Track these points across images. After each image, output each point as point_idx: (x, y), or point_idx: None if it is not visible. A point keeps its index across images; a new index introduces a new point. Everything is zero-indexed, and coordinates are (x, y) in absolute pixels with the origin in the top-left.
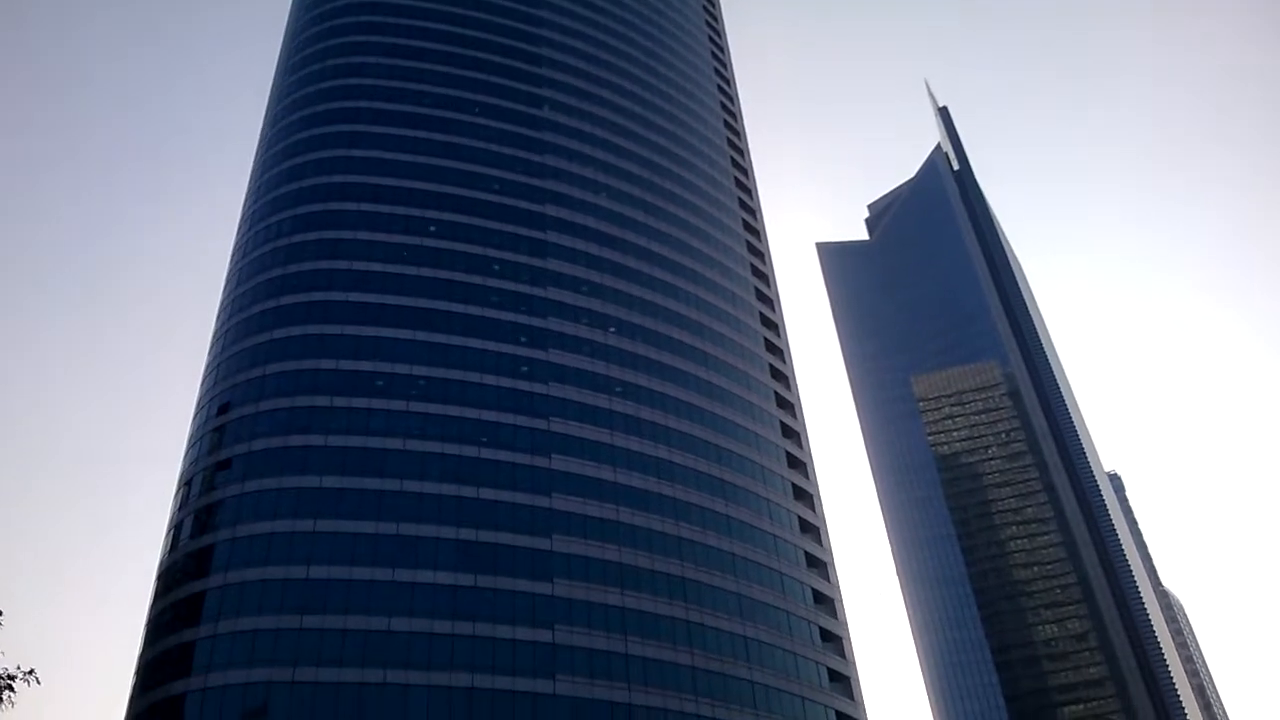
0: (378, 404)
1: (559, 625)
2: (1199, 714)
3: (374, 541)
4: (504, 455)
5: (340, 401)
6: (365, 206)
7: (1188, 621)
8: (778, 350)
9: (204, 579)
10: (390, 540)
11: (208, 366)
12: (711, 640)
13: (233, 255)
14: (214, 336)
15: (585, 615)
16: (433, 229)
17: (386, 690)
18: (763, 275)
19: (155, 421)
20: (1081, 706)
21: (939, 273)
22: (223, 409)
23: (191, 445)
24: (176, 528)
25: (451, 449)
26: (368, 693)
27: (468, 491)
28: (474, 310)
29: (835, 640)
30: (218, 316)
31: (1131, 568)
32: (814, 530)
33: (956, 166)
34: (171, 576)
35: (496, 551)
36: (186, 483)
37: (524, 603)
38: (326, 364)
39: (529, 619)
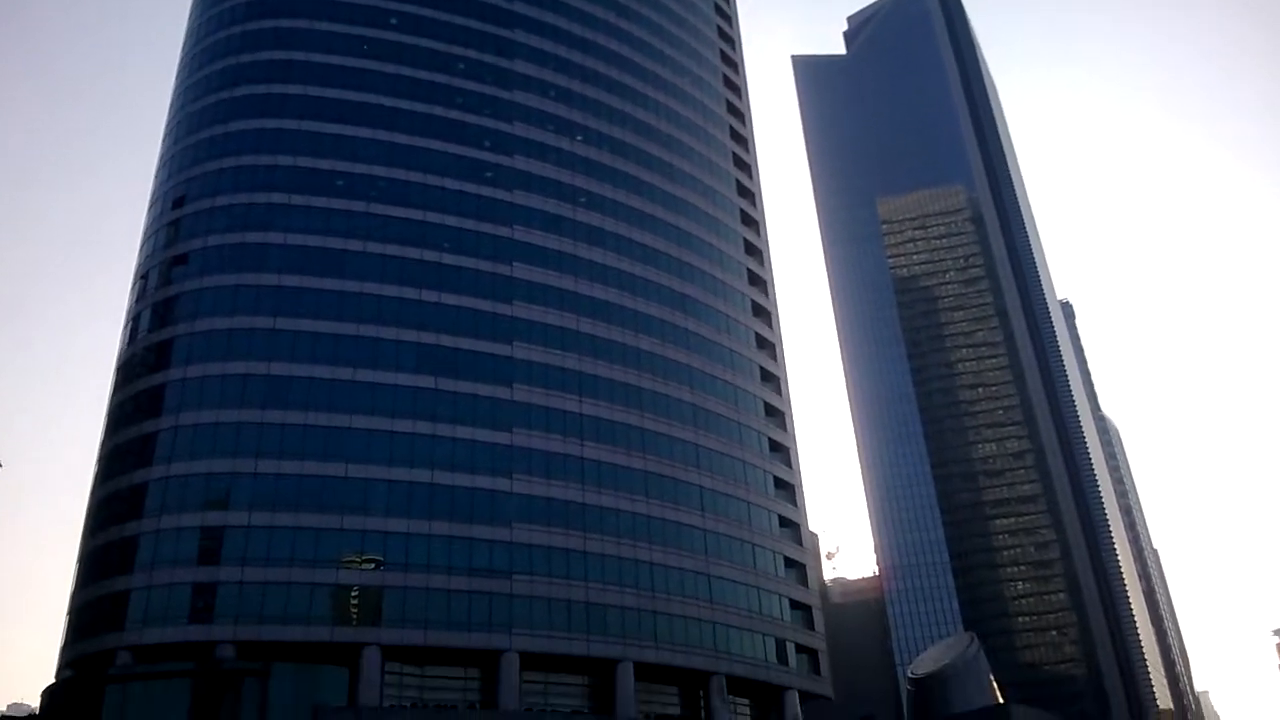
0: (337, 204)
1: (517, 428)
2: (1124, 533)
3: (334, 341)
4: (466, 261)
5: (299, 199)
6: None
7: (1122, 448)
8: (745, 165)
9: (164, 371)
10: (350, 341)
11: (161, 157)
12: (665, 447)
13: (185, 41)
14: (167, 126)
15: (543, 420)
16: (394, 22)
17: (348, 484)
18: (735, 88)
19: (111, 210)
20: (1013, 520)
21: (914, 92)
22: (177, 202)
23: (147, 238)
24: (134, 320)
25: (412, 253)
26: (329, 485)
27: (429, 296)
28: (437, 110)
29: (783, 450)
30: (170, 105)
31: (1073, 393)
32: (770, 346)
33: None
34: (131, 369)
35: (457, 356)
36: (143, 276)
37: (484, 406)
38: (284, 160)
39: (489, 421)
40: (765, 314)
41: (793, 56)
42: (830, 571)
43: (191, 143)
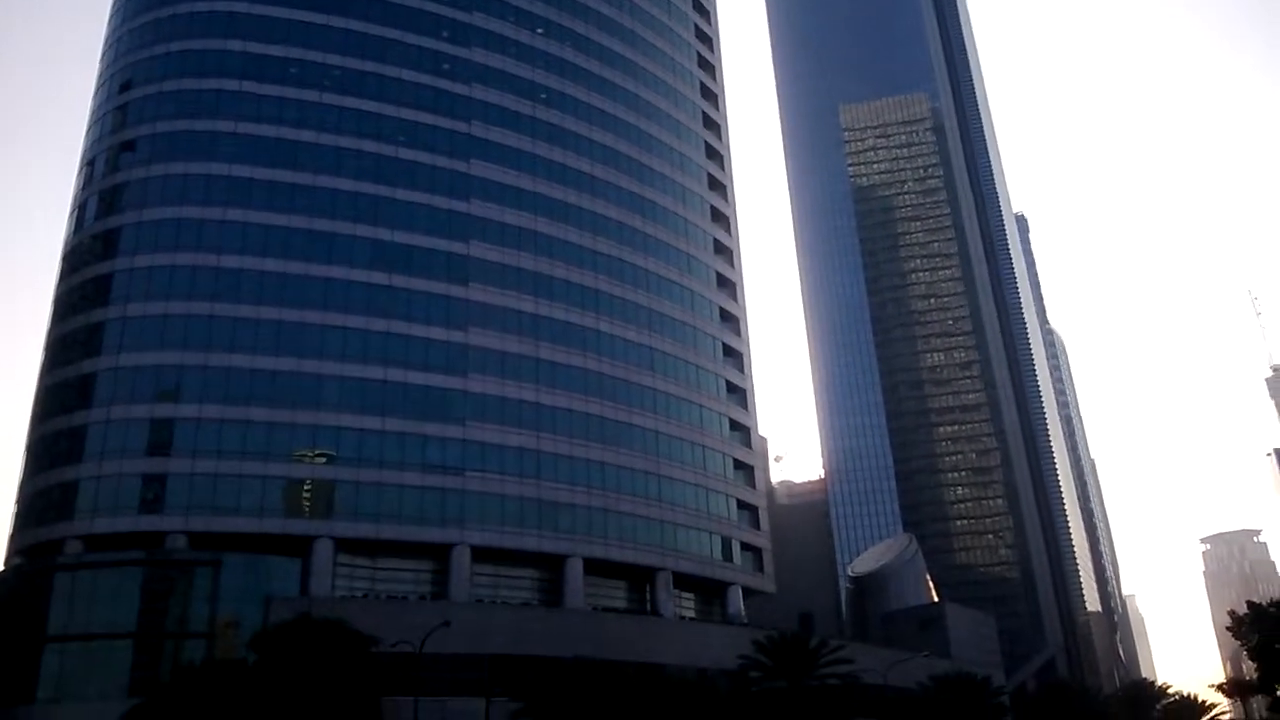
0: (290, 92)
1: (473, 327)
2: (1063, 443)
3: (286, 234)
4: (422, 156)
5: (249, 86)
6: None
7: (1066, 360)
8: (710, 67)
9: (111, 261)
10: (303, 234)
11: (107, 39)
12: (619, 349)
13: None
14: (114, 6)
15: (499, 319)
16: None
17: (300, 378)
18: None
19: (55, 93)
20: (956, 428)
21: None
22: (124, 86)
23: (93, 123)
24: (81, 208)
25: (368, 145)
26: (281, 380)
27: (384, 190)
28: None
29: (736, 355)
30: None
31: (1022, 306)
32: (727, 252)
33: None
34: (78, 257)
35: (412, 253)
36: (89, 162)
37: (438, 304)
38: (234, 45)
39: (443, 320)
40: (724, 220)
41: None
42: (778, 474)
43: (139, 24)
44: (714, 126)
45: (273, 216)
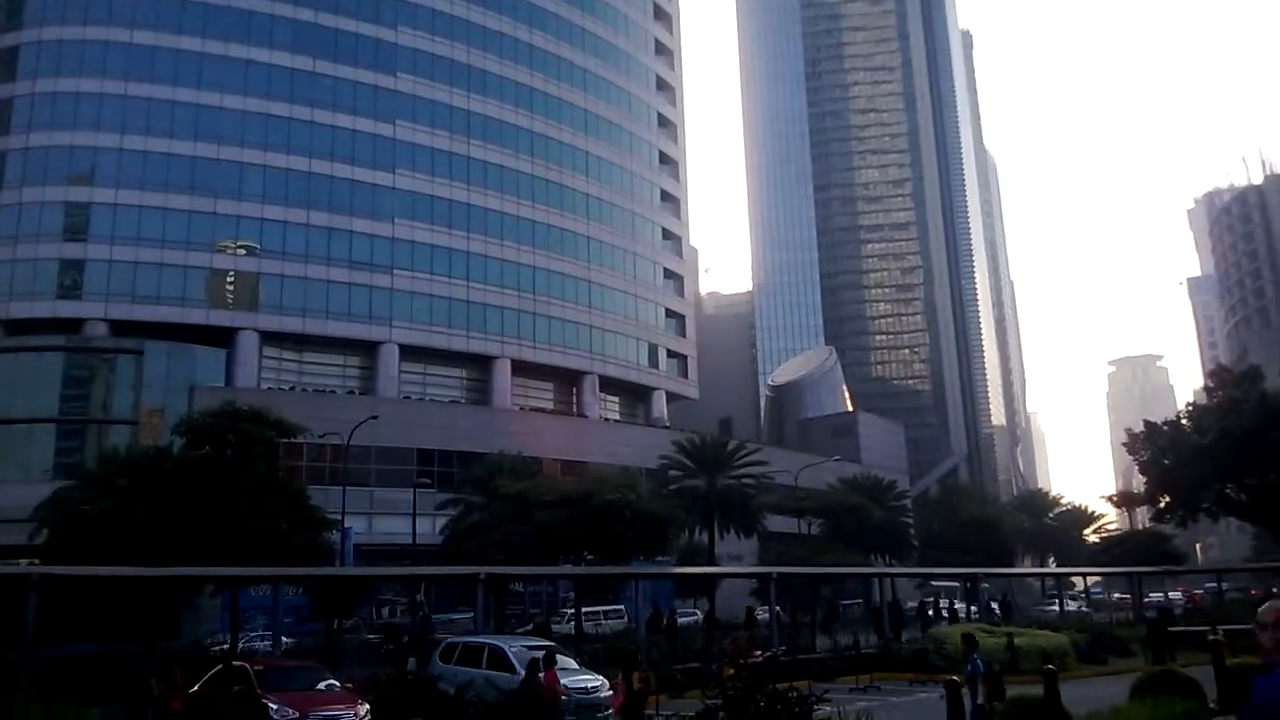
0: None
1: (401, 120)
2: (985, 264)
3: (202, 10)
4: None
5: None
6: None
7: (998, 184)
8: None
9: (16, 33)
10: (220, 11)
11: None
12: (554, 151)
13: None
14: None
15: (429, 113)
16: None
17: (220, 166)
18: None
19: None
20: (884, 245)
21: None
22: None
23: None
24: None
25: None
26: (200, 166)
27: None
28: None
29: (671, 164)
30: None
31: (960, 125)
32: (668, 53)
33: None
34: None
35: (337, 37)
36: None
37: (365, 94)
38: None
39: (370, 111)
40: (666, 18)
41: None
42: (706, 285)
43: None
44: None
45: None
